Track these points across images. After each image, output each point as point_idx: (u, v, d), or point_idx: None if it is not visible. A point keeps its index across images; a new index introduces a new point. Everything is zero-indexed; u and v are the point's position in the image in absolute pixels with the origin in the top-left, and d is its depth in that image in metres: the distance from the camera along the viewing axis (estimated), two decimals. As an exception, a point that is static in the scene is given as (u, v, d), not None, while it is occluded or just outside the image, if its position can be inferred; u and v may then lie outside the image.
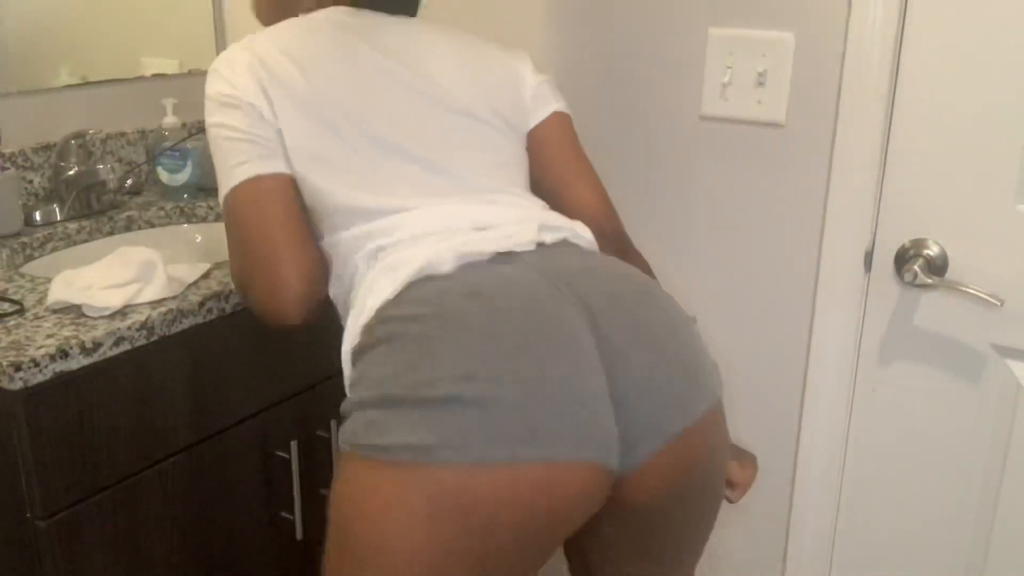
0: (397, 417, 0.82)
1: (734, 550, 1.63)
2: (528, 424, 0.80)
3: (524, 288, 0.90)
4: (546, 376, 0.83)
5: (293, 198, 1.03)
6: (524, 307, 0.87)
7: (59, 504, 1.07)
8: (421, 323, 0.87)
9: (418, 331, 0.86)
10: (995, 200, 1.28)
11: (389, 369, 0.85)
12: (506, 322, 0.86)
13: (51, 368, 1.02)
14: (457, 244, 0.95)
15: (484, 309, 0.87)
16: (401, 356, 0.85)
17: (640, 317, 0.92)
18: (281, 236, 1.00)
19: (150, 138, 1.70)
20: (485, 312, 0.86)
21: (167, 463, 1.18)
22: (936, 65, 1.28)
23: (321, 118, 1.03)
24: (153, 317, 1.12)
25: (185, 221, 1.61)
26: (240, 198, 1.02)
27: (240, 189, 1.01)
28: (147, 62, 1.73)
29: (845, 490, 1.50)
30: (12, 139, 1.51)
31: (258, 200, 1.01)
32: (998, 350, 1.32)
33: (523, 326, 0.85)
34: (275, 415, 1.33)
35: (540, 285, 0.90)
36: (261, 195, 1.01)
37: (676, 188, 1.50)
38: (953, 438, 1.39)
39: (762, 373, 1.51)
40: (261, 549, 1.35)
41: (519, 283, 0.90)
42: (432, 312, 0.87)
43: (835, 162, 1.37)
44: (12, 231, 1.41)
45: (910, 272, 1.31)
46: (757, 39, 1.39)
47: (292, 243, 1.00)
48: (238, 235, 1.03)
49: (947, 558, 1.44)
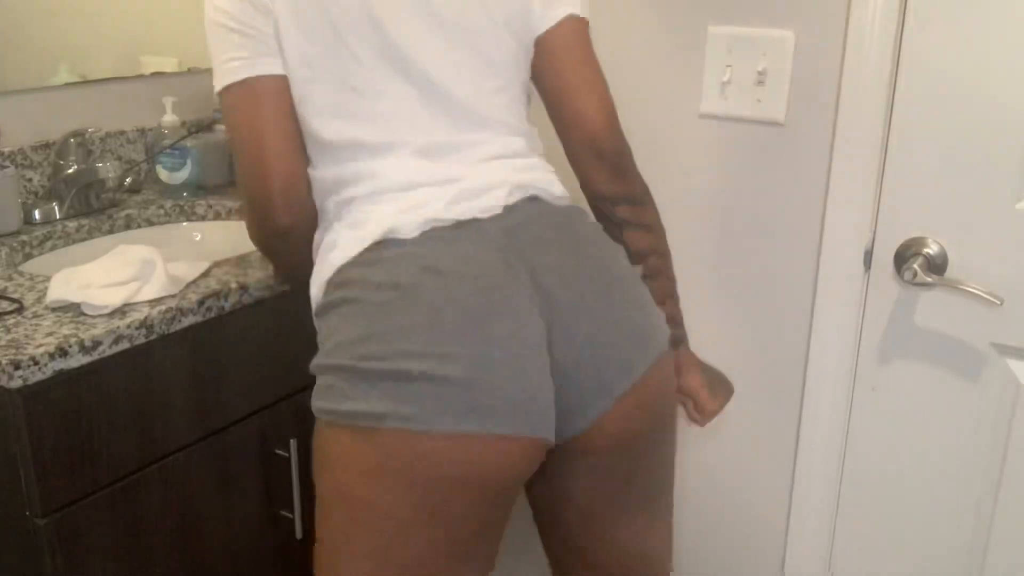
0: (350, 385, 0.90)
1: (734, 549, 1.63)
2: (471, 399, 0.88)
3: (480, 267, 0.94)
4: (491, 355, 0.90)
5: (285, 100, 1.02)
6: (476, 287, 0.92)
7: (58, 502, 1.07)
8: (377, 291, 0.92)
9: (373, 300, 0.92)
10: (995, 199, 1.28)
11: (344, 335, 0.92)
12: (457, 301, 0.91)
13: (50, 366, 1.02)
14: (423, 211, 0.96)
15: (438, 285, 0.92)
16: (355, 324, 0.92)
17: (585, 288, 0.98)
18: (269, 134, 1.00)
19: (149, 136, 1.70)
20: (439, 289, 0.91)
21: (166, 461, 1.18)
22: (936, 63, 1.28)
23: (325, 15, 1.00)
24: (152, 315, 1.12)
25: (184, 219, 1.61)
26: (229, 102, 1.01)
27: (230, 92, 1.01)
28: (146, 60, 1.73)
29: (844, 489, 1.50)
30: (11, 137, 1.51)
31: (247, 106, 1.01)
32: (998, 349, 1.32)
33: (473, 305, 0.91)
34: (274, 413, 1.33)
35: (495, 262, 0.94)
36: (250, 100, 1.01)
37: (675, 186, 1.50)
38: (952, 437, 1.39)
39: (761, 372, 1.51)
40: (260, 547, 1.35)
41: (475, 260, 0.94)
42: (388, 282, 0.92)
43: (835, 161, 1.37)
44: (11, 229, 1.41)
45: (910, 271, 1.31)
46: (757, 37, 1.39)
47: (279, 138, 1.00)
48: (231, 135, 1.04)
49: (946, 557, 1.44)
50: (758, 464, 1.56)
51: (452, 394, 0.88)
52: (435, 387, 0.88)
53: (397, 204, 0.98)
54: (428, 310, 0.90)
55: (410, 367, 0.88)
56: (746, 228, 1.47)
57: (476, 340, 0.90)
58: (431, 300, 0.91)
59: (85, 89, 1.63)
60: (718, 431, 1.57)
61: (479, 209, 0.98)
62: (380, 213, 0.98)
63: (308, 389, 1.36)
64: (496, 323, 0.91)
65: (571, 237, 1.02)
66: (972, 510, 1.39)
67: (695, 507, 1.64)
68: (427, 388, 0.88)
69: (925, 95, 1.30)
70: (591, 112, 1.08)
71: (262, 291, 1.26)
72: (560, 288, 0.96)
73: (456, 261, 0.94)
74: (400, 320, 0.90)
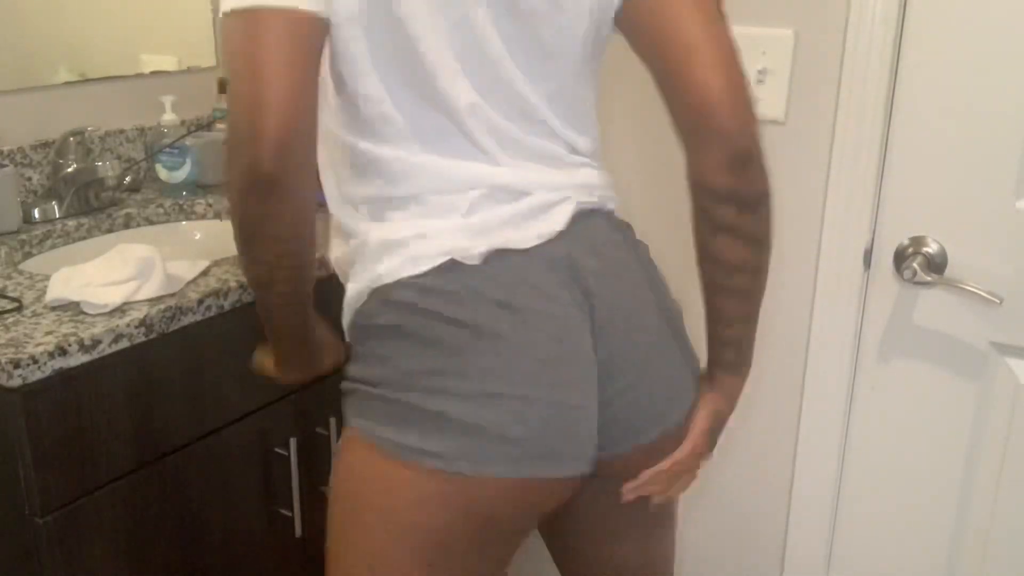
0: (417, 419, 0.86)
1: (733, 548, 1.63)
2: (542, 446, 0.87)
3: (551, 303, 0.89)
4: (562, 402, 0.88)
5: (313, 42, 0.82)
6: (550, 331, 0.88)
7: (58, 501, 1.07)
8: (448, 327, 0.86)
9: (447, 335, 0.86)
10: (994, 197, 1.28)
11: (414, 365, 0.87)
12: (534, 346, 0.87)
13: (50, 365, 1.02)
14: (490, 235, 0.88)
15: (514, 327, 0.87)
16: (428, 356, 0.86)
17: (640, 338, 0.95)
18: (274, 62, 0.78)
19: (149, 135, 1.69)
20: (515, 331, 0.87)
21: (166, 460, 1.18)
22: (936, 62, 1.28)
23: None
24: (152, 314, 1.12)
25: (184, 218, 1.61)
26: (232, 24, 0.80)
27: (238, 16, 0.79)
28: (146, 59, 1.73)
29: (844, 488, 1.50)
30: (11, 136, 1.51)
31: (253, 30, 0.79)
32: (997, 348, 1.32)
33: (548, 352, 0.88)
34: (274, 412, 1.33)
35: (564, 297, 0.90)
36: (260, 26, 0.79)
37: (674, 184, 1.50)
38: (952, 436, 1.39)
39: (761, 371, 1.51)
40: (260, 546, 1.35)
41: (547, 295, 0.89)
42: (461, 319, 0.86)
43: (834, 160, 1.37)
44: (11, 228, 1.41)
45: (909, 270, 1.31)
46: (757, 36, 1.39)
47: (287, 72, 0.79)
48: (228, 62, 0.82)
49: (946, 556, 1.44)
50: (758, 463, 1.56)
51: (525, 440, 0.86)
52: (507, 432, 0.85)
53: (457, 218, 0.89)
54: (506, 354, 0.86)
55: (485, 410, 0.85)
56: (746, 227, 1.47)
57: (550, 387, 0.87)
58: (508, 344, 0.86)
59: (84, 88, 1.63)
60: (718, 430, 1.57)
61: (547, 231, 0.90)
62: (437, 229, 0.88)
63: (307, 388, 1.37)
64: (567, 370, 0.88)
65: (629, 270, 0.98)
66: (972, 508, 1.40)
67: (694, 507, 1.64)
68: (499, 433, 0.85)
69: (925, 94, 1.30)
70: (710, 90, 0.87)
71: (262, 290, 1.26)
72: (616, 333, 0.93)
73: (529, 297, 0.88)
74: (477, 362, 0.86)
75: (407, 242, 0.88)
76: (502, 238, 0.88)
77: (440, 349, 0.86)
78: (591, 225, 0.95)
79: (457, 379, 0.86)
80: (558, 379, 0.88)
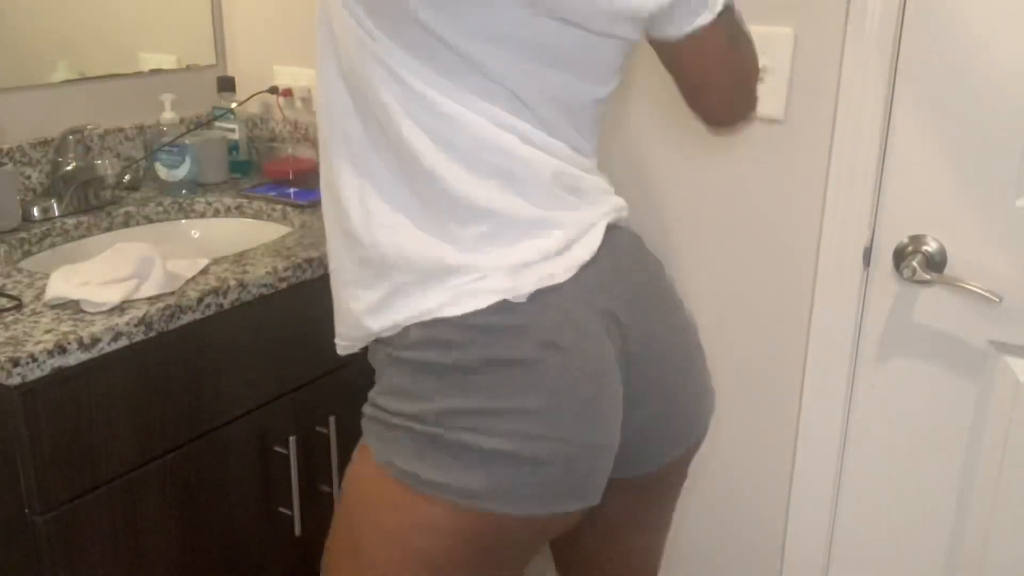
0: (450, 456, 0.84)
1: (732, 547, 1.63)
2: (571, 484, 0.88)
3: (590, 341, 0.89)
4: (595, 442, 0.89)
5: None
6: (590, 371, 0.88)
7: (57, 500, 1.07)
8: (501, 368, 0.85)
9: (494, 375, 0.85)
10: (994, 196, 1.28)
11: (456, 404, 0.85)
12: (576, 387, 0.87)
13: (49, 364, 1.02)
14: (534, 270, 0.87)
15: (559, 367, 0.86)
16: (471, 396, 0.85)
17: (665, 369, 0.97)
18: None
19: (148, 133, 1.69)
20: (560, 372, 0.86)
21: (165, 459, 1.18)
22: (935, 60, 1.28)
23: None
24: (151, 313, 1.12)
25: (183, 217, 1.61)
26: None
27: None
28: (145, 57, 1.73)
29: (843, 487, 1.50)
30: (10, 134, 1.51)
31: None
32: (997, 347, 1.32)
33: (588, 393, 0.88)
34: (274, 411, 1.33)
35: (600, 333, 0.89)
36: None
37: (674, 183, 1.50)
38: (952, 435, 1.39)
39: (760, 370, 1.51)
40: (259, 545, 1.35)
41: (587, 332, 0.88)
42: (507, 358, 0.85)
43: (834, 158, 1.37)
44: (10, 227, 1.41)
45: (909, 268, 1.31)
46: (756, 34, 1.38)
47: None
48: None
49: (946, 555, 1.44)
50: (757, 462, 1.56)
51: (555, 479, 0.86)
52: (541, 472, 0.85)
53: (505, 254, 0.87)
54: (549, 394, 0.85)
55: (523, 448, 0.84)
56: (745, 225, 1.47)
57: (587, 429, 0.88)
58: (554, 384, 0.86)
59: (84, 86, 1.63)
60: (717, 429, 1.57)
61: (582, 261, 0.90)
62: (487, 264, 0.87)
63: (307, 386, 1.37)
64: (604, 409, 0.90)
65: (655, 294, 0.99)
66: (971, 507, 1.40)
67: (693, 506, 1.64)
68: (532, 473, 0.85)
69: (925, 92, 1.30)
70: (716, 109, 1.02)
71: (261, 288, 1.26)
72: (650, 363, 0.95)
73: (573, 335, 0.87)
74: (523, 403, 0.85)
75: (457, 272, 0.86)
76: (545, 274, 0.87)
77: (485, 390, 0.85)
78: (617, 247, 0.94)
79: (497, 419, 0.85)
80: (595, 418, 0.89)
